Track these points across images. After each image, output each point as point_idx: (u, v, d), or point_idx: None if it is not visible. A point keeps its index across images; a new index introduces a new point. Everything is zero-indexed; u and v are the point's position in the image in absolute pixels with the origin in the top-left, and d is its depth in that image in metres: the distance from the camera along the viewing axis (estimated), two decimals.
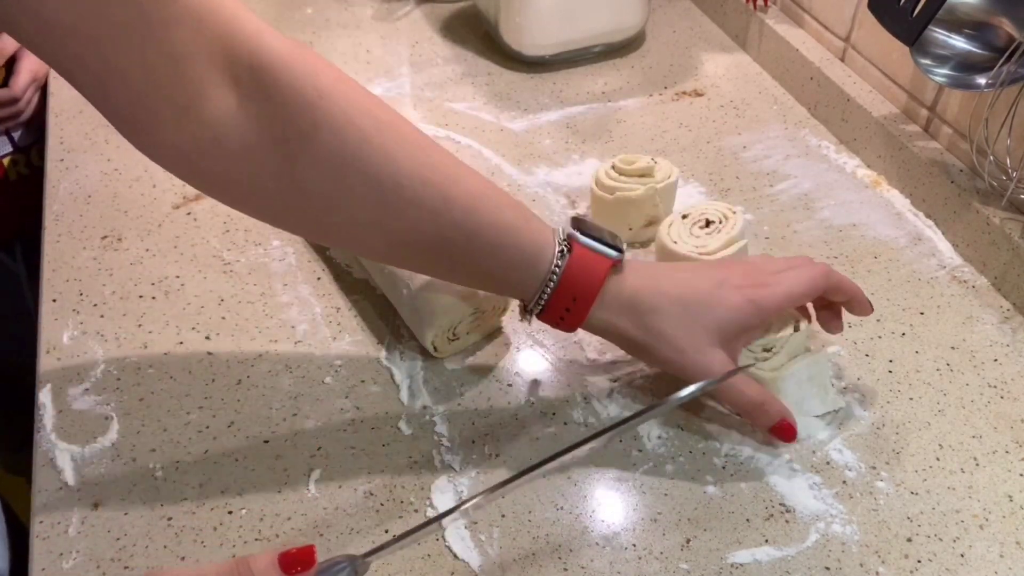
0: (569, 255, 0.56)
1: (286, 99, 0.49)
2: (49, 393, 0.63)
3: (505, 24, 0.95)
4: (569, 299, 0.56)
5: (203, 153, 0.49)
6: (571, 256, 0.56)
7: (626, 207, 0.73)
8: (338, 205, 0.52)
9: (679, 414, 0.62)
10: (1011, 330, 0.68)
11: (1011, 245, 0.69)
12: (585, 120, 0.90)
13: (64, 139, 0.86)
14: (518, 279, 0.57)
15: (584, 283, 0.56)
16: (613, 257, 0.57)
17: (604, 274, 0.56)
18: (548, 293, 0.56)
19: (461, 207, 0.54)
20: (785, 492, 0.57)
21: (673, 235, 0.68)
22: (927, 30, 0.68)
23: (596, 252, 0.56)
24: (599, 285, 0.56)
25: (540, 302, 0.57)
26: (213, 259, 0.73)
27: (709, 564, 0.53)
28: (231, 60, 0.48)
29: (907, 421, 0.62)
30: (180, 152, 0.50)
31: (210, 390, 0.64)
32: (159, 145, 0.50)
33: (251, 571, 0.41)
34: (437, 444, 0.60)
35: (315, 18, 1.06)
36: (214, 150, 0.49)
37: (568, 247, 0.56)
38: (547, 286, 0.56)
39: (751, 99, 0.93)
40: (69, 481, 0.58)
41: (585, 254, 0.56)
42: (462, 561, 0.54)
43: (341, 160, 0.50)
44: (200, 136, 0.49)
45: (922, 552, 0.54)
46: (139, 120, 0.48)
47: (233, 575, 0.41)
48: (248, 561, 0.41)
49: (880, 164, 0.82)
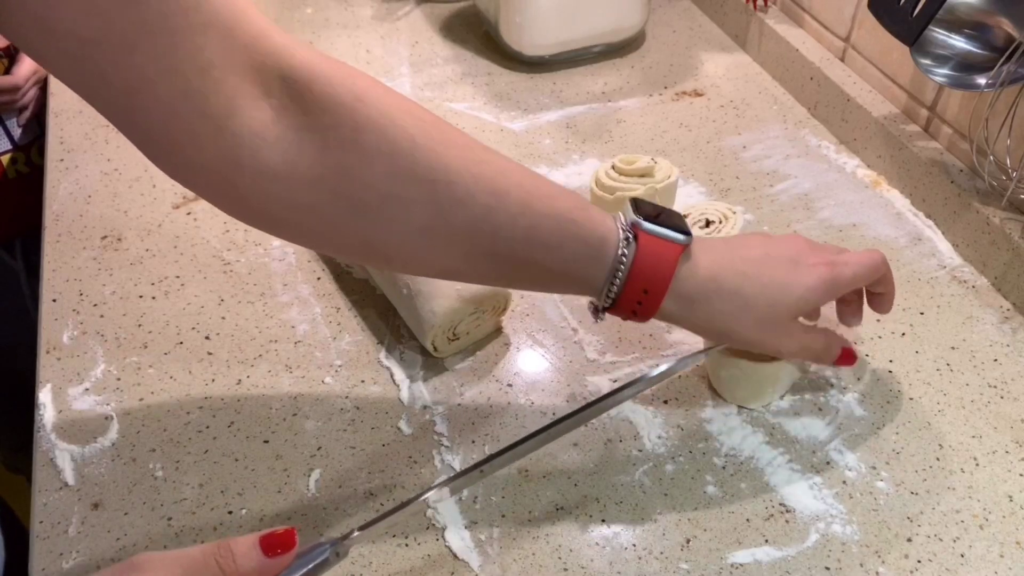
0: (635, 243, 0.52)
1: (324, 106, 0.47)
2: (49, 393, 0.63)
3: (505, 24, 0.95)
4: (640, 291, 0.53)
5: (242, 170, 0.46)
6: (638, 245, 0.52)
7: None
8: (390, 213, 0.49)
9: (679, 414, 0.62)
10: (1011, 330, 0.68)
11: (1011, 245, 0.69)
12: (585, 120, 0.90)
13: (64, 139, 0.86)
14: (583, 274, 0.53)
15: (655, 272, 0.52)
16: (682, 242, 0.53)
17: (675, 261, 0.53)
18: (617, 286, 0.53)
19: (515, 201, 0.51)
20: (785, 492, 0.57)
21: None
22: (927, 30, 0.68)
23: (664, 238, 0.53)
24: (671, 273, 0.53)
25: (609, 296, 0.53)
26: (213, 259, 0.73)
27: (709, 564, 0.53)
28: (263, 71, 0.45)
29: (907, 421, 0.62)
30: (217, 171, 0.47)
31: (210, 390, 0.64)
32: (194, 166, 0.47)
33: (232, 553, 0.41)
34: (437, 444, 0.60)
35: (315, 18, 1.06)
36: (253, 165, 0.46)
37: (633, 235, 0.53)
38: (614, 278, 0.53)
39: (751, 99, 0.93)
40: (69, 481, 0.58)
41: (652, 241, 0.53)
42: (462, 561, 0.54)
43: (390, 162, 0.48)
44: (239, 152, 0.46)
45: (922, 552, 0.54)
46: (172, 137, 0.45)
47: (215, 557, 0.41)
48: (230, 544, 0.42)
49: (880, 164, 0.82)
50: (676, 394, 0.63)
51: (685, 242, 0.53)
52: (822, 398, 0.63)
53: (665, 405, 0.63)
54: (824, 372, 0.65)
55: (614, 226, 0.53)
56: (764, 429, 0.61)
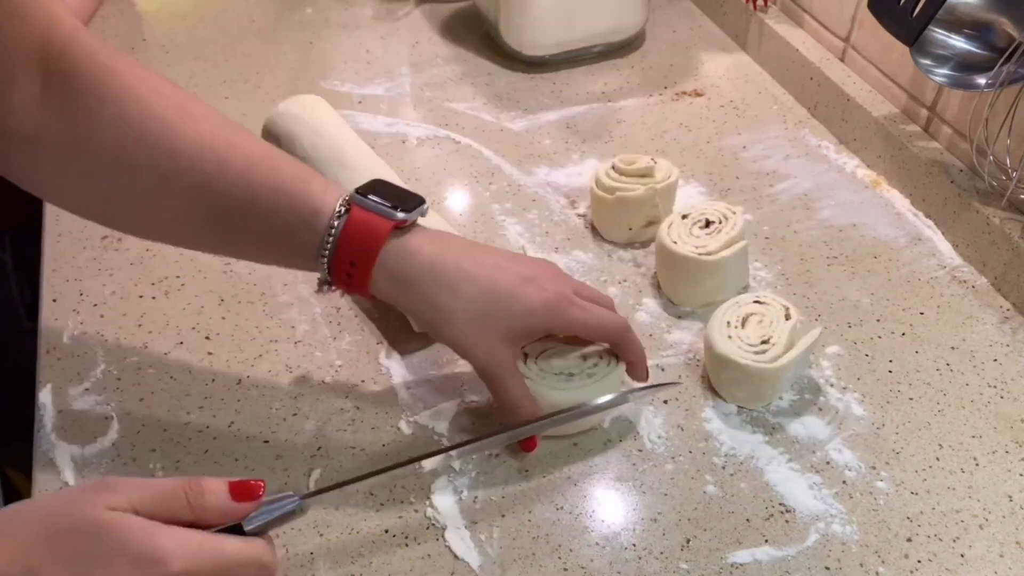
0: (346, 216, 0.55)
1: (80, 79, 0.53)
2: (49, 393, 0.63)
3: (505, 24, 0.95)
4: (347, 263, 0.55)
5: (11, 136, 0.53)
6: (348, 218, 0.55)
7: (626, 207, 0.73)
8: (120, 179, 0.55)
9: (679, 414, 0.62)
10: (1011, 330, 0.68)
11: (1011, 245, 0.69)
12: (585, 120, 0.90)
13: None
14: (297, 244, 0.56)
15: (362, 245, 0.55)
16: (394, 218, 0.55)
17: (383, 236, 0.55)
18: (327, 257, 0.55)
19: (236, 171, 0.54)
20: (785, 492, 0.57)
21: (673, 235, 0.68)
22: (927, 30, 0.68)
23: (377, 214, 0.55)
24: (377, 247, 0.55)
25: (323, 266, 0.56)
26: (213, 259, 0.73)
27: (709, 564, 0.53)
28: (45, 53, 0.52)
29: (907, 421, 0.62)
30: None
31: (210, 390, 0.64)
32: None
33: (202, 491, 0.44)
34: (437, 444, 0.60)
35: (315, 18, 1.06)
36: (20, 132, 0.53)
37: (347, 208, 0.55)
38: (324, 249, 0.55)
39: (751, 99, 0.93)
40: (69, 481, 0.58)
41: (363, 215, 0.55)
42: (462, 561, 0.54)
43: (122, 133, 0.53)
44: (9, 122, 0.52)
45: (922, 552, 0.54)
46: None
47: (185, 490, 0.44)
48: (201, 481, 0.44)
49: (880, 164, 0.82)
50: (676, 394, 0.63)
51: (398, 219, 0.55)
52: (822, 398, 0.63)
53: (665, 405, 0.63)
54: (824, 372, 0.65)
55: (333, 200, 0.56)
56: (764, 429, 0.61)
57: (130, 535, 0.42)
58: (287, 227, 0.55)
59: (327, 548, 0.54)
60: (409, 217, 0.56)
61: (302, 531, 0.55)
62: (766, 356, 0.60)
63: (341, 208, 0.55)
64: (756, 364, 0.59)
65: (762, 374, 0.60)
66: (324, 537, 0.55)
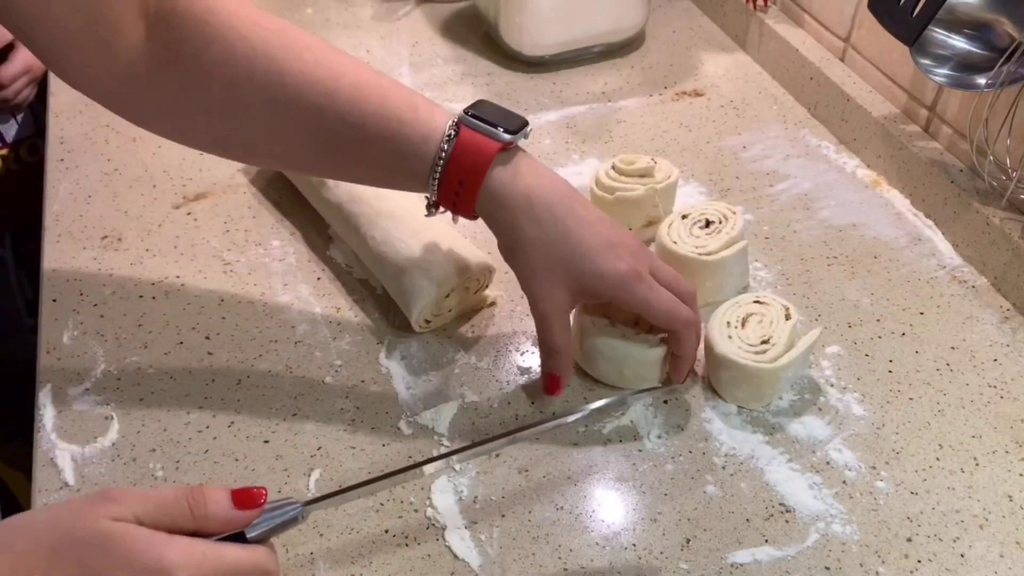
0: (456, 138, 0.56)
1: (182, 20, 0.54)
2: (49, 393, 0.63)
3: (505, 24, 0.95)
4: (456, 183, 0.56)
5: (120, 80, 0.56)
6: (458, 139, 0.56)
7: (626, 207, 0.73)
8: (234, 113, 0.57)
9: (679, 414, 0.62)
10: (1011, 330, 0.68)
11: (1011, 245, 0.69)
12: (585, 120, 0.90)
13: (64, 139, 0.86)
14: (409, 168, 0.57)
15: (471, 165, 0.56)
16: (502, 139, 0.56)
17: (490, 157, 0.56)
18: (437, 178, 0.56)
19: (345, 99, 0.56)
20: (785, 492, 0.57)
21: (673, 235, 0.68)
22: (927, 30, 0.68)
23: (484, 134, 0.56)
24: (485, 166, 0.56)
25: (432, 188, 0.57)
26: (213, 259, 0.73)
27: (709, 564, 0.53)
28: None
29: (907, 421, 0.62)
30: (103, 82, 0.56)
31: (210, 390, 0.64)
32: (86, 78, 0.56)
33: (205, 499, 0.44)
34: (437, 444, 0.60)
35: (315, 18, 1.06)
36: (128, 77, 0.55)
37: (457, 131, 0.56)
38: (436, 170, 0.56)
39: (751, 99, 0.93)
40: (69, 481, 0.58)
41: (471, 137, 0.56)
42: (462, 561, 0.54)
43: (232, 71, 0.55)
44: (119, 65, 0.55)
45: (922, 552, 0.54)
46: (69, 57, 0.55)
47: (188, 499, 0.44)
48: (203, 490, 0.44)
49: (880, 164, 0.82)
50: (676, 394, 0.63)
51: (505, 140, 0.56)
52: (822, 398, 0.63)
53: (665, 405, 0.63)
54: (824, 372, 0.65)
55: (441, 123, 0.57)
56: (764, 429, 0.61)
57: (134, 545, 0.41)
58: (399, 153, 0.56)
59: (327, 548, 0.54)
60: (514, 139, 0.57)
61: (302, 531, 0.55)
62: (766, 356, 0.60)
63: (451, 132, 0.56)
64: (756, 364, 0.59)
65: (762, 374, 0.60)
66: (324, 537, 0.55)
